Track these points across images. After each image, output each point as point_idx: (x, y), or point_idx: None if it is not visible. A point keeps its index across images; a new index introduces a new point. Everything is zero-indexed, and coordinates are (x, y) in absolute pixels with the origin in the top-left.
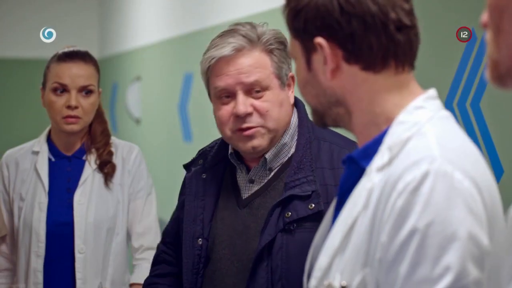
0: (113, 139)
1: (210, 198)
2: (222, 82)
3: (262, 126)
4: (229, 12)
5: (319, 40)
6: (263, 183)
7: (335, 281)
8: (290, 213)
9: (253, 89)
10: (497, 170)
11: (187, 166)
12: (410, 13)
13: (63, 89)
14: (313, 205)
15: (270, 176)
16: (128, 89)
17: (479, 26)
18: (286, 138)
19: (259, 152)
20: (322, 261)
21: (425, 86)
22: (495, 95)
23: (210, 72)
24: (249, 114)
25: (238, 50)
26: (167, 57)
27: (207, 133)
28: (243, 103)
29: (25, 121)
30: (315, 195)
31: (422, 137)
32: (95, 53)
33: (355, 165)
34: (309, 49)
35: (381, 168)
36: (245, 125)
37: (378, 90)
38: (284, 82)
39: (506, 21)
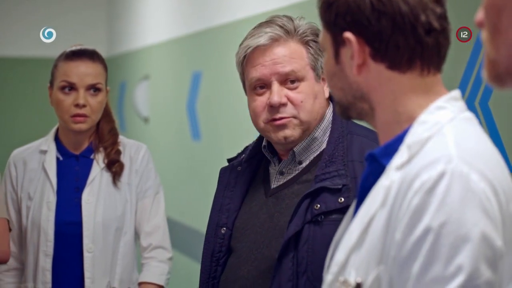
0: (121, 138)
1: (239, 188)
2: (258, 72)
3: (295, 117)
4: (237, 10)
5: (348, 35)
6: (292, 175)
7: (350, 277)
8: (319, 205)
9: (288, 80)
10: None
11: (230, 161)
12: (442, 17)
13: (71, 87)
14: (343, 199)
15: (300, 169)
16: (137, 88)
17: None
18: (318, 133)
19: (291, 143)
20: (338, 257)
21: None
22: (504, 94)
23: (246, 62)
24: (283, 105)
25: (275, 40)
26: (176, 55)
27: (216, 132)
28: (277, 93)
29: (26, 120)
30: (345, 189)
31: (441, 137)
32: (103, 52)
33: (376, 163)
34: (338, 42)
35: (400, 167)
36: (278, 115)
37: (402, 90)
38: (320, 74)
39: (505, 20)
